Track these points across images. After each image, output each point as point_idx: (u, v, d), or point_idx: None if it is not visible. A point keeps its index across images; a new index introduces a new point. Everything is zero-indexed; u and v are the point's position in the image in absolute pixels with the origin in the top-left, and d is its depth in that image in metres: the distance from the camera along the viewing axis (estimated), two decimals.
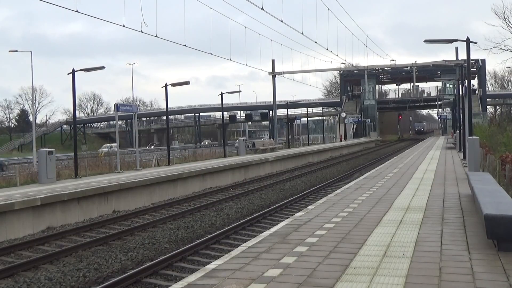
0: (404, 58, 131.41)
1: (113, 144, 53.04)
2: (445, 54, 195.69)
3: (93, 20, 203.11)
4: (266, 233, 8.13)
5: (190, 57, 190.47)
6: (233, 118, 60.89)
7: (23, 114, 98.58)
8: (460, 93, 29.81)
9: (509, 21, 40.47)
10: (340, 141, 63.60)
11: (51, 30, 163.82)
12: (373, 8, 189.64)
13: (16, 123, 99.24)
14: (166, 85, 27.22)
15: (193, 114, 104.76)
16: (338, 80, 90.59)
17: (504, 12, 41.49)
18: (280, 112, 63.84)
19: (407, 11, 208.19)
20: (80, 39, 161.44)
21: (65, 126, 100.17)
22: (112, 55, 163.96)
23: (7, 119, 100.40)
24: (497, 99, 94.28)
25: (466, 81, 19.57)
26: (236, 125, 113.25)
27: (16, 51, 43.62)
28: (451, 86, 64.92)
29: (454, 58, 65.68)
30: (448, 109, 71.18)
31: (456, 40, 18.44)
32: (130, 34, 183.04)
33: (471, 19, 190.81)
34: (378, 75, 79.92)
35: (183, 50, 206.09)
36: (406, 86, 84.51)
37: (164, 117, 60.96)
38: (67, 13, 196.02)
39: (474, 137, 17.34)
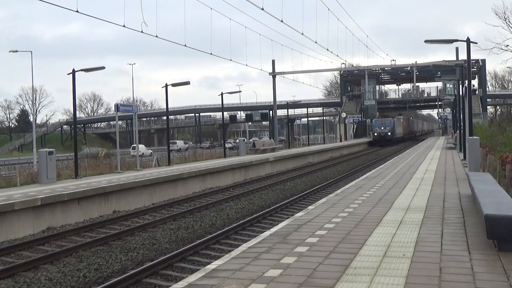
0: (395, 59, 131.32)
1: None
2: (434, 55, 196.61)
3: (87, 22, 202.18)
4: (267, 233, 8.13)
5: (180, 59, 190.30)
6: (233, 118, 60.79)
7: (23, 114, 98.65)
8: (461, 93, 29.82)
9: (509, 21, 40.45)
10: (341, 141, 63.58)
11: (41, 32, 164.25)
12: (360, 10, 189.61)
13: (16, 123, 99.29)
14: (166, 85, 27.23)
15: (193, 115, 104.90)
16: (338, 80, 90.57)
17: (505, 12, 41.44)
18: (280, 112, 63.84)
19: (392, 13, 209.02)
20: (71, 40, 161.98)
21: (65, 126, 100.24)
22: (101, 57, 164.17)
23: (7, 119, 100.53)
24: (497, 99, 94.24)
25: (466, 81, 19.57)
26: (236, 125, 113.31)
27: (17, 51, 43.58)
28: (451, 86, 64.91)
29: (442, 59, 65.60)
30: (448, 109, 71.12)
31: (457, 40, 18.44)
32: (121, 35, 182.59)
33: (457, 22, 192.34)
34: (378, 75, 79.86)
35: (174, 51, 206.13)
36: (407, 86, 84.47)
37: (164, 117, 60.99)
38: (60, 15, 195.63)
39: (474, 137, 17.34)
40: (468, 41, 17.96)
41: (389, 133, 62.11)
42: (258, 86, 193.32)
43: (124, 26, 20.27)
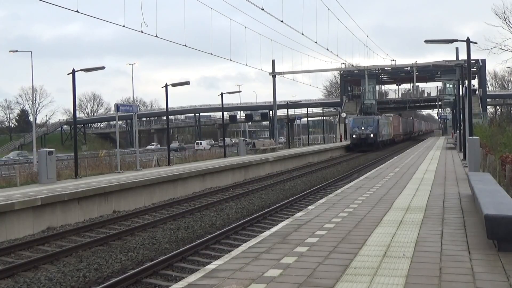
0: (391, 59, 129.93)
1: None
2: (432, 55, 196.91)
3: (85, 23, 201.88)
4: (266, 233, 8.13)
5: (178, 59, 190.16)
6: (233, 118, 60.77)
7: (23, 114, 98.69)
8: (461, 93, 29.82)
9: (509, 21, 40.49)
10: (341, 141, 63.56)
11: (39, 32, 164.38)
12: (357, 11, 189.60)
13: (16, 123, 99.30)
14: (166, 85, 27.22)
15: (193, 114, 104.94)
16: (338, 80, 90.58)
17: (504, 12, 41.48)
18: (280, 112, 63.81)
19: (389, 14, 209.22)
20: (69, 40, 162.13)
21: (65, 126, 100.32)
22: (99, 57, 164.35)
23: (7, 119, 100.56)
24: (497, 99, 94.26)
25: (466, 81, 19.57)
26: (236, 125, 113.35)
27: (17, 51, 43.63)
28: (451, 86, 64.86)
29: (441, 60, 65.52)
30: (448, 109, 71.10)
31: (457, 40, 18.45)
32: (118, 36, 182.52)
33: (455, 22, 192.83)
34: (378, 75, 79.79)
35: (172, 51, 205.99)
36: (407, 86, 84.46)
37: (164, 117, 60.99)
38: (58, 16, 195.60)
39: (474, 137, 17.33)
40: (468, 41, 17.95)
41: (372, 135, 49.54)
42: (256, 86, 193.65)
43: (124, 26, 20.27)
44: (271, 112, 69.11)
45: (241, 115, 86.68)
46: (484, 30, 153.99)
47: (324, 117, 73.18)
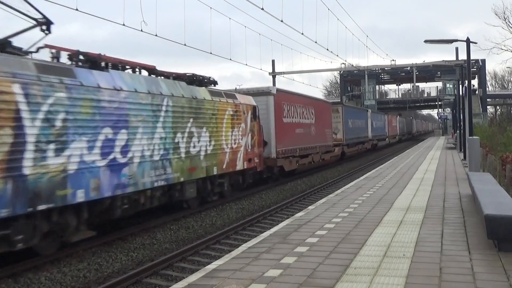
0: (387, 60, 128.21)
1: None
2: (426, 56, 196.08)
3: (83, 23, 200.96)
4: (267, 233, 8.14)
5: (174, 59, 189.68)
6: None
7: None
8: (460, 93, 29.83)
9: (509, 21, 40.50)
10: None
11: (35, 33, 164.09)
12: (351, 12, 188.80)
13: None
14: None
15: None
16: (338, 80, 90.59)
17: (504, 12, 41.53)
18: None
19: (382, 15, 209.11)
20: (64, 41, 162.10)
21: None
22: None
23: None
24: (497, 99, 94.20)
25: (466, 81, 19.58)
26: None
27: None
28: (451, 86, 64.91)
29: (434, 60, 65.52)
30: (448, 109, 71.13)
31: (456, 40, 18.46)
32: (114, 37, 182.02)
33: (448, 23, 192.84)
34: (378, 75, 79.83)
35: (169, 52, 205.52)
36: (407, 86, 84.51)
37: None
38: (55, 17, 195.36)
39: (474, 137, 17.34)
40: (468, 41, 17.96)
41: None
42: (253, 86, 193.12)
43: (123, 25, 20.23)
44: None
45: None
46: (478, 31, 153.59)
47: None
